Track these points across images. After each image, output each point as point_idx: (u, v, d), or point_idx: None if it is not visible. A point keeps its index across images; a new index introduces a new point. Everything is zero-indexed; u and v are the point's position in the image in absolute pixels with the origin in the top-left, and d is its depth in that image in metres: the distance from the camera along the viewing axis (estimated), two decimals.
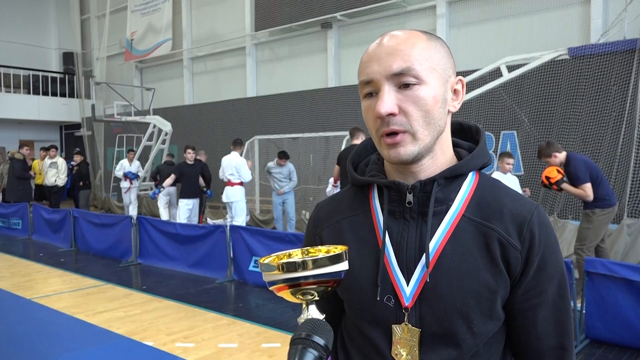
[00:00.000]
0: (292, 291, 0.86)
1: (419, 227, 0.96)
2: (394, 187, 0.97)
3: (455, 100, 0.98)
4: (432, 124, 0.92)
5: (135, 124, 14.00)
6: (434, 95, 0.92)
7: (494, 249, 0.93)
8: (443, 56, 0.95)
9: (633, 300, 3.81)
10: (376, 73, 0.92)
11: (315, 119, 10.95)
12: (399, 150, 0.92)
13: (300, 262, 0.83)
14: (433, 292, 0.92)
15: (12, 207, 10.40)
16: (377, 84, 0.92)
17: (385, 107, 0.90)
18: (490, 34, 8.92)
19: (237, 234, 6.22)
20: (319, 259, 0.84)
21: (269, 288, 0.88)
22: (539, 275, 0.94)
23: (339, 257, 0.86)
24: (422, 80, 0.91)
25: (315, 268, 0.84)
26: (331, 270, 0.85)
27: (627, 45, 6.98)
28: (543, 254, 0.94)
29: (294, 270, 0.83)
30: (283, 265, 0.84)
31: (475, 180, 0.99)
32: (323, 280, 0.85)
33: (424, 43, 0.93)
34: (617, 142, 7.06)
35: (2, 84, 16.46)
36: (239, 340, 4.27)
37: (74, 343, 4.19)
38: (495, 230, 0.94)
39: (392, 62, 0.91)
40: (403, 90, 0.91)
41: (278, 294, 0.89)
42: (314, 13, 10.99)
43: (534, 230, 0.94)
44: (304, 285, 0.85)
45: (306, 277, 0.84)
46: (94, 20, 17.74)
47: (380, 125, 0.92)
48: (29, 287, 6.14)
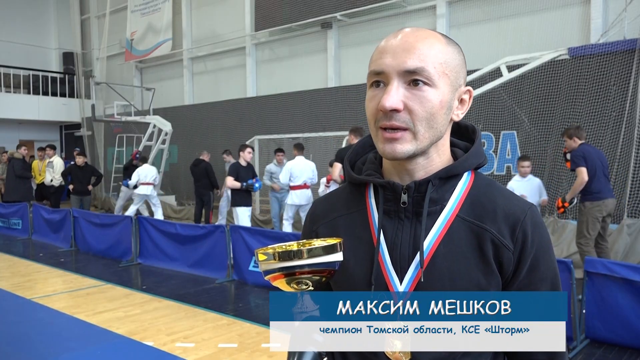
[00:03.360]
0: (287, 280, 0.88)
1: (413, 227, 0.97)
2: (389, 187, 0.98)
3: (460, 110, 0.98)
4: (434, 128, 0.93)
5: (135, 124, 14.01)
6: (441, 100, 0.92)
7: (487, 250, 0.94)
8: (458, 64, 0.95)
9: (633, 300, 3.81)
10: (388, 66, 0.91)
11: (315, 119, 10.95)
12: (395, 147, 0.92)
13: (296, 250, 0.86)
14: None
15: (12, 207, 10.38)
16: (388, 76, 0.92)
17: (391, 102, 0.89)
18: (490, 34, 8.92)
19: (237, 234, 6.22)
20: (314, 249, 0.86)
21: (265, 277, 0.91)
22: (531, 275, 0.95)
23: (333, 247, 0.89)
24: (433, 83, 0.91)
25: (310, 257, 0.86)
26: (325, 260, 0.88)
27: (627, 45, 6.98)
28: (535, 254, 0.95)
29: (290, 259, 0.86)
30: (279, 254, 0.86)
31: (471, 180, 1.00)
32: (317, 269, 0.88)
33: (442, 47, 0.93)
34: (617, 142, 7.06)
35: (2, 84, 16.46)
36: (239, 340, 4.27)
37: (74, 343, 4.19)
38: (488, 230, 0.94)
39: (407, 59, 0.90)
40: (412, 88, 0.91)
41: (274, 283, 0.90)
42: (314, 13, 10.99)
43: (526, 231, 0.94)
44: (299, 274, 0.87)
45: (301, 266, 0.86)
46: (94, 20, 17.74)
47: (381, 118, 0.92)
48: (29, 287, 6.14)
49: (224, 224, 8.19)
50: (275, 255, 0.86)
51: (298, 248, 0.86)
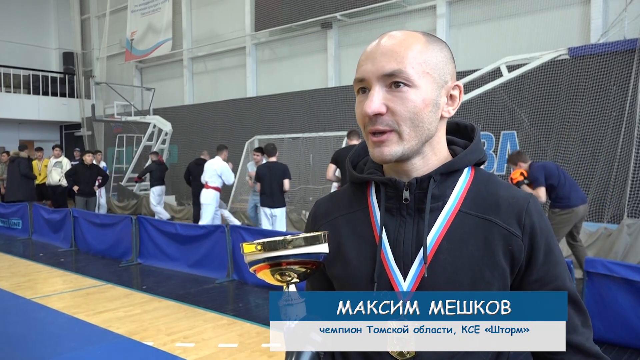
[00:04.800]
0: (271, 271, 0.89)
1: (416, 224, 0.97)
2: (391, 184, 0.98)
3: (450, 106, 0.98)
4: (420, 127, 0.93)
5: (135, 124, 14.02)
6: (423, 99, 0.92)
7: (494, 241, 0.94)
8: (440, 60, 0.95)
9: (633, 300, 3.81)
10: (369, 72, 0.93)
11: (315, 119, 10.95)
12: (382, 150, 0.94)
13: (280, 240, 0.87)
14: (430, 288, 0.93)
15: (12, 207, 10.38)
16: (369, 82, 0.94)
17: (373, 107, 0.91)
18: (490, 34, 8.92)
19: (237, 234, 6.22)
20: (296, 239, 0.87)
21: (250, 269, 0.91)
22: (549, 260, 0.96)
23: (316, 238, 0.89)
24: (413, 83, 0.91)
25: (294, 247, 0.87)
26: (309, 251, 0.88)
27: (627, 45, 6.98)
28: (547, 239, 0.96)
29: (274, 249, 0.87)
30: (263, 245, 0.87)
31: (471, 175, 1.01)
32: (302, 260, 0.89)
33: (421, 46, 0.94)
34: (617, 142, 7.06)
35: (2, 84, 16.47)
36: (239, 340, 4.27)
37: (74, 343, 4.19)
38: (493, 222, 0.95)
39: (385, 63, 0.92)
40: (393, 91, 0.92)
41: (258, 275, 0.91)
42: (314, 13, 10.99)
43: (532, 217, 0.95)
44: (285, 264, 0.88)
45: (286, 256, 0.87)
46: (94, 20, 17.76)
47: (368, 123, 0.94)
48: (29, 287, 6.14)
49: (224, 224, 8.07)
50: (260, 245, 0.87)
51: (282, 238, 0.87)
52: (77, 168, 9.88)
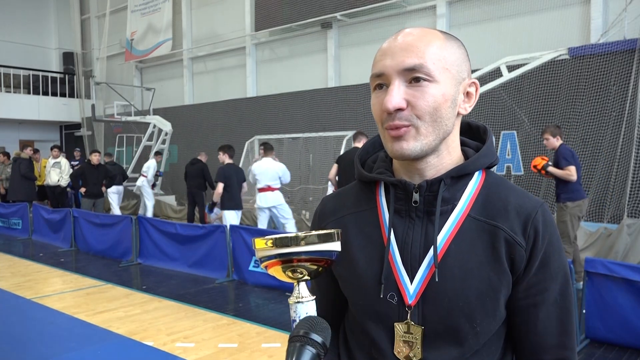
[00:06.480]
0: (283, 267, 0.88)
1: (425, 226, 0.96)
2: (401, 186, 0.97)
3: (467, 103, 0.98)
4: (439, 122, 0.92)
5: (135, 124, 14.01)
6: (443, 94, 0.92)
7: (499, 248, 0.93)
8: (458, 57, 0.96)
9: (633, 301, 3.81)
10: (388, 67, 0.92)
11: (315, 119, 10.95)
12: (402, 144, 0.92)
13: (292, 237, 0.86)
14: (437, 291, 0.93)
15: (12, 207, 10.39)
16: (388, 77, 0.92)
17: (394, 102, 0.90)
18: (490, 34, 8.92)
19: (237, 234, 6.22)
20: (309, 235, 0.86)
21: (261, 265, 0.90)
22: (541, 273, 0.94)
23: (329, 235, 0.87)
24: (434, 78, 0.91)
25: (307, 245, 0.86)
26: (322, 249, 0.87)
27: (627, 45, 6.98)
28: (546, 250, 0.94)
29: (287, 245, 0.85)
30: (275, 240, 0.86)
31: (482, 179, 0.99)
32: (314, 258, 0.87)
33: (440, 42, 0.94)
34: (617, 142, 7.06)
35: (2, 84, 16.46)
36: (239, 340, 4.27)
37: (74, 343, 4.19)
38: (500, 228, 0.94)
39: (405, 58, 0.91)
40: (413, 85, 0.91)
41: (269, 271, 0.90)
42: (314, 13, 10.99)
43: (538, 227, 0.94)
44: (296, 261, 0.87)
45: (298, 253, 0.86)
46: (94, 20, 17.75)
47: (386, 119, 0.93)
48: (29, 287, 6.14)
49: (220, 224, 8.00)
50: (272, 241, 0.86)
51: (295, 234, 0.86)
52: (84, 168, 9.63)
